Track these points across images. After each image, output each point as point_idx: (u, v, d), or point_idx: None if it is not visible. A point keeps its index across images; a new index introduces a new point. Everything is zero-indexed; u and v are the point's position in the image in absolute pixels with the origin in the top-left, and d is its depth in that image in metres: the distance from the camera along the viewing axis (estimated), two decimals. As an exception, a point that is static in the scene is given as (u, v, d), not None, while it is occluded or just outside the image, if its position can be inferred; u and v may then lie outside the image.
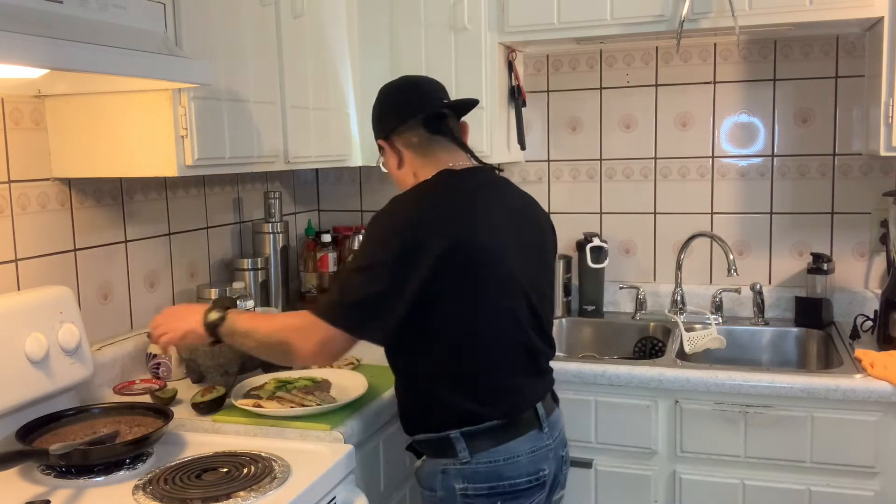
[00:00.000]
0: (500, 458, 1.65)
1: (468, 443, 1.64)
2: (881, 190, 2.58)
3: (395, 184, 1.84)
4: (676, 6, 2.34)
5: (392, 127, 1.77)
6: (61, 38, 1.34)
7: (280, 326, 1.65)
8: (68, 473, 1.52)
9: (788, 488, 2.12)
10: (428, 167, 1.74)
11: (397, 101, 1.79)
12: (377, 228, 1.64)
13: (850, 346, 2.35)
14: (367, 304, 1.58)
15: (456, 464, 1.65)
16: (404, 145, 1.76)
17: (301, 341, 1.60)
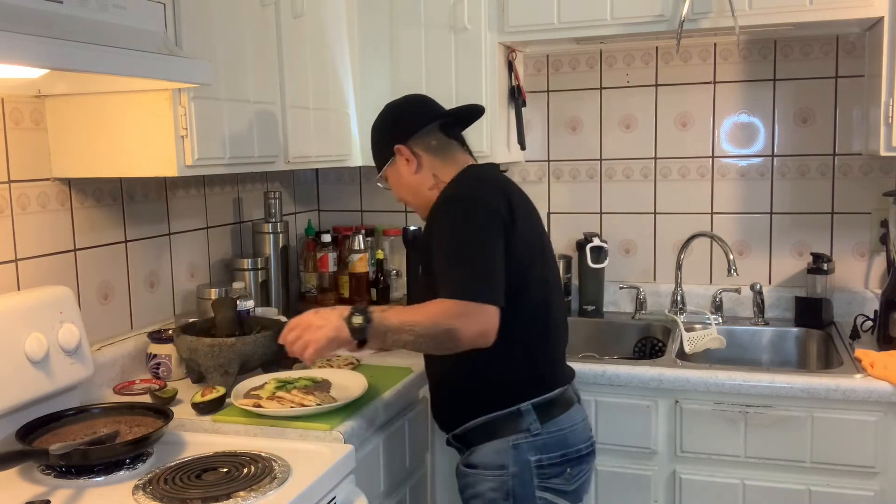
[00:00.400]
0: (565, 427, 1.75)
1: (538, 414, 1.72)
2: (881, 190, 2.58)
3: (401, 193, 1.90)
4: (676, 6, 2.34)
5: (411, 132, 1.84)
6: (61, 38, 1.34)
7: (440, 314, 1.61)
8: (68, 473, 1.52)
9: (788, 488, 2.12)
10: (448, 167, 1.83)
11: (412, 110, 1.88)
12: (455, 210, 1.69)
13: (850, 346, 2.35)
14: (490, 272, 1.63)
15: (528, 437, 1.71)
16: (423, 149, 1.83)
17: (467, 325, 1.59)
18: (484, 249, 1.64)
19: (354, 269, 2.83)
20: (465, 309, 1.59)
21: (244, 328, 2.11)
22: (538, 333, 1.77)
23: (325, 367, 2.13)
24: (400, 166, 1.85)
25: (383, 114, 1.92)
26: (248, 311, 2.22)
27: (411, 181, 1.85)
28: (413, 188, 1.86)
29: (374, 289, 2.86)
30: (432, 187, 1.83)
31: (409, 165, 1.84)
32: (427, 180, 1.84)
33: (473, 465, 1.77)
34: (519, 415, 1.72)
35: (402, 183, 1.88)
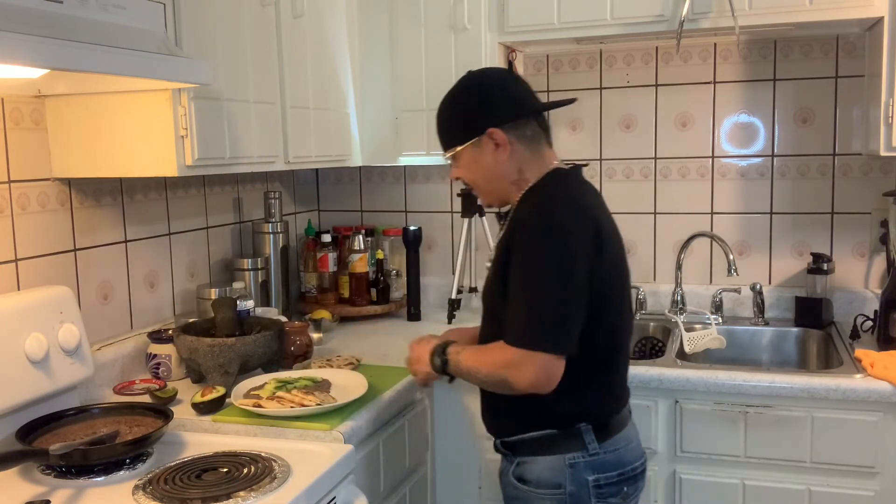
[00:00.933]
0: (620, 445, 1.70)
1: (596, 433, 1.66)
2: (881, 190, 2.58)
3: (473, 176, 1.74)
4: (676, 6, 2.34)
5: (508, 117, 1.67)
6: (61, 38, 1.34)
7: (493, 364, 1.61)
8: (68, 473, 1.52)
9: (788, 488, 2.12)
10: (535, 163, 1.70)
11: (511, 93, 1.71)
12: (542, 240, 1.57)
13: (850, 346, 2.35)
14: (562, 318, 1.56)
15: (585, 456, 1.65)
16: (517, 137, 1.68)
17: (517, 377, 1.56)
18: (563, 292, 1.56)
19: (354, 269, 2.83)
20: (519, 360, 1.55)
21: (244, 328, 2.11)
22: (607, 364, 1.70)
23: (325, 367, 2.13)
24: (486, 150, 1.68)
25: (474, 87, 1.73)
26: (248, 311, 2.22)
27: (494, 169, 1.70)
28: (493, 177, 1.71)
29: (374, 289, 2.86)
30: (514, 182, 1.70)
31: (499, 153, 1.68)
32: (511, 173, 1.70)
33: (526, 479, 1.69)
34: (578, 433, 1.65)
35: (480, 167, 1.71)
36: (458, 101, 1.74)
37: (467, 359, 1.68)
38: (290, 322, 2.31)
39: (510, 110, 1.69)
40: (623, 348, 1.76)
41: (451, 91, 1.75)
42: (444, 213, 3.05)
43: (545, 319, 1.56)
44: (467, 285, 2.92)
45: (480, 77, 1.75)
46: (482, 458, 2.32)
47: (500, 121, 1.67)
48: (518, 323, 1.57)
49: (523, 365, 1.55)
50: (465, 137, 1.70)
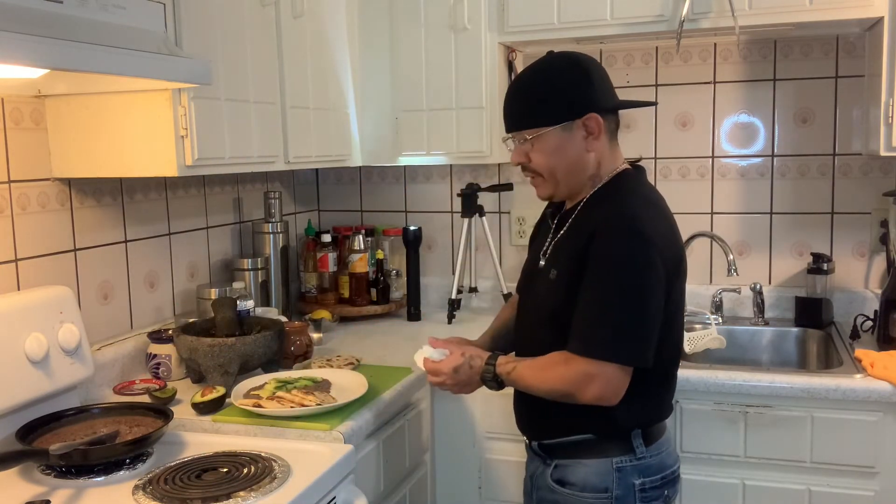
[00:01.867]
0: (663, 450, 1.68)
1: (643, 437, 1.64)
2: (881, 190, 2.58)
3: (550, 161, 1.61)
4: (676, 6, 2.34)
5: (605, 105, 1.60)
6: (61, 38, 1.34)
7: (557, 381, 1.56)
8: (68, 473, 1.52)
9: (788, 488, 2.12)
10: (610, 158, 1.65)
11: (608, 82, 1.64)
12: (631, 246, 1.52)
13: (850, 346, 2.35)
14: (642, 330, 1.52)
15: (633, 459, 1.63)
16: (606, 129, 1.61)
17: (584, 392, 1.53)
18: (645, 304, 1.52)
19: (354, 269, 2.83)
20: (588, 374, 1.51)
21: (244, 328, 2.11)
22: (668, 377, 1.69)
23: (325, 367, 2.13)
24: (576, 136, 1.58)
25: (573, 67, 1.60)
26: (248, 311, 2.22)
27: (579, 158, 1.60)
28: (573, 165, 1.61)
29: (374, 289, 2.86)
30: (591, 176, 1.63)
31: (590, 141, 1.59)
32: (591, 164, 1.61)
33: (569, 482, 1.65)
34: (627, 437, 1.62)
35: (564, 155, 1.59)
36: (554, 78, 1.60)
37: (523, 375, 1.62)
38: (290, 322, 2.31)
39: (609, 98, 1.62)
40: (678, 361, 1.73)
41: (540, 68, 1.62)
42: (444, 213, 3.05)
43: (624, 330, 1.51)
44: (467, 285, 2.92)
45: (576, 57, 1.62)
46: (482, 458, 2.32)
47: (600, 107, 1.58)
48: (592, 332, 1.52)
49: (593, 379, 1.51)
50: (558, 117, 1.57)
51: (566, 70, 1.60)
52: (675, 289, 1.58)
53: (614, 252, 1.52)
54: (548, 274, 1.65)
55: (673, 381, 1.73)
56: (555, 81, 1.59)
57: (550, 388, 1.58)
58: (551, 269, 1.65)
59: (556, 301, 1.61)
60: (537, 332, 1.69)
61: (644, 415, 1.65)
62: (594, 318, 1.53)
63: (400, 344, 2.49)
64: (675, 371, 1.72)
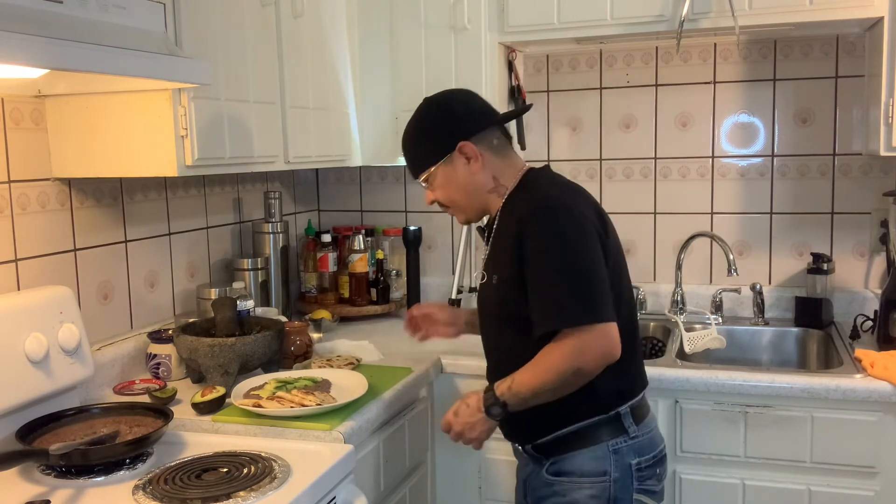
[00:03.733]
0: (652, 427, 1.75)
1: (633, 417, 1.69)
2: (881, 190, 2.58)
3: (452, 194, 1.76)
4: (676, 6, 2.34)
5: (474, 129, 1.72)
6: (61, 38, 1.34)
7: (557, 364, 1.57)
8: (68, 473, 1.52)
9: (788, 488, 2.12)
10: (508, 169, 1.75)
11: (472, 107, 1.77)
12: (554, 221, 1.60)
13: (850, 346, 2.35)
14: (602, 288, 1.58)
15: (627, 440, 1.67)
16: (486, 148, 1.73)
17: (588, 358, 1.55)
18: (592, 263, 1.58)
19: (354, 269, 2.83)
20: (583, 341, 1.54)
21: (244, 328, 2.12)
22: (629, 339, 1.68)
23: (325, 367, 2.13)
24: (458, 165, 1.72)
25: (435, 108, 1.77)
26: (248, 311, 2.22)
27: (469, 182, 1.73)
28: (470, 190, 1.74)
29: (374, 289, 2.86)
30: (491, 190, 1.74)
31: (472, 165, 1.72)
32: (486, 182, 1.74)
33: (566, 472, 1.68)
34: (618, 418, 1.67)
35: (456, 184, 1.74)
36: (422, 124, 1.78)
37: (524, 382, 1.61)
38: (290, 322, 2.31)
39: (475, 122, 1.73)
40: (636, 322, 1.78)
41: (413, 118, 1.79)
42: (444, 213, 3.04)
43: (590, 291, 1.56)
44: (467, 285, 2.92)
45: (438, 98, 1.80)
46: (482, 458, 2.32)
47: (467, 133, 1.71)
48: (564, 304, 1.56)
49: (589, 342, 1.55)
50: (436, 157, 1.73)
51: (429, 113, 1.77)
52: (608, 249, 1.65)
53: (542, 230, 1.60)
54: (491, 281, 1.73)
55: (636, 345, 1.76)
56: (423, 127, 1.78)
57: (557, 373, 1.57)
58: (492, 276, 1.73)
59: (507, 300, 1.67)
60: (502, 339, 1.75)
61: (624, 384, 1.69)
62: (555, 293, 1.57)
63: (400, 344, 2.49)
64: (636, 336, 1.75)
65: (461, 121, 1.74)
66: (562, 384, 1.59)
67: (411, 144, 1.80)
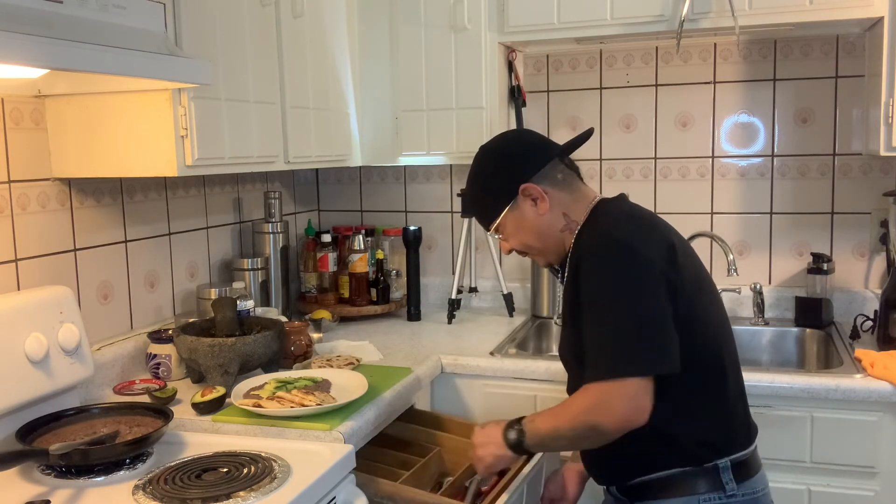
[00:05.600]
0: (758, 489, 1.58)
1: (734, 473, 1.54)
2: (881, 190, 2.58)
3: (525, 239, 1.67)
4: (676, 6, 2.34)
5: (533, 169, 1.63)
6: (61, 38, 1.34)
7: (575, 413, 1.49)
8: (68, 473, 1.52)
9: (788, 488, 2.12)
10: (578, 203, 1.65)
11: (527, 145, 1.69)
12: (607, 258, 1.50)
13: (850, 346, 2.35)
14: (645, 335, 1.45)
15: (723, 497, 1.53)
16: (551, 184, 1.64)
17: (606, 416, 1.44)
18: (638, 310, 1.45)
19: (354, 269, 2.83)
20: (605, 395, 1.44)
21: (244, 328, 2.11)
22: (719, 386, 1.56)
23: (324, 367, 2.13)
24: (524, 208, 1.64)
25: (490, 156, 1.70)
26: (248, 311, 2.22)
27: (539, 223, 1.64)
28: (541, 231, 1.65)
29: (374, 289, 2.86)
30: (563, 228, 1.64)
31: (539, 205, 1.63)
32: (557, 220, 1.64)
33: None
34: (716, 471, 1.52)
35: (526, 227, 1.65)
36: (481, 175, 1.70)
37: (545, 420, 1.54)
38: (290, 322, 2.31)
39: (532, 161, 1.65)
40: (732, 369, 1.61)
41: (471, 171, 1.73)
42: (444, 213, 3.05)
43: (626, 341, 1.44)
44: (467, 285, 2.92)
45: (491, 145, 1.73)
46: (482, 458, 2.32)
47: (527, 174, 1.63)
48: (598, 355, 1.47)
49: (610, 400, 1.44)
50: (501, 206, 1.65)
51: (485, 162, 1.71)
52: (679, 286, 1.49)
53: (592, 272, 1.51)
54: (565, 330, 1.65)
55: (732, 396, 1.59)
56: (482, 178, 1.71)
57: (572, 426, 1.49)
58: (565, 325, 1.64)
59: (575, 344, 1.56)
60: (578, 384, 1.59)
61: (720, 440, 1.54)
62: (597, 341, 1.48)
63: (400, 344, 2.49)
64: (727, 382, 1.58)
65: (518, 162, 1.65)
66: (577, 436, 1.51)
67: (474, 198, 1.74)
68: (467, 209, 1.75)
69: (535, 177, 1.63)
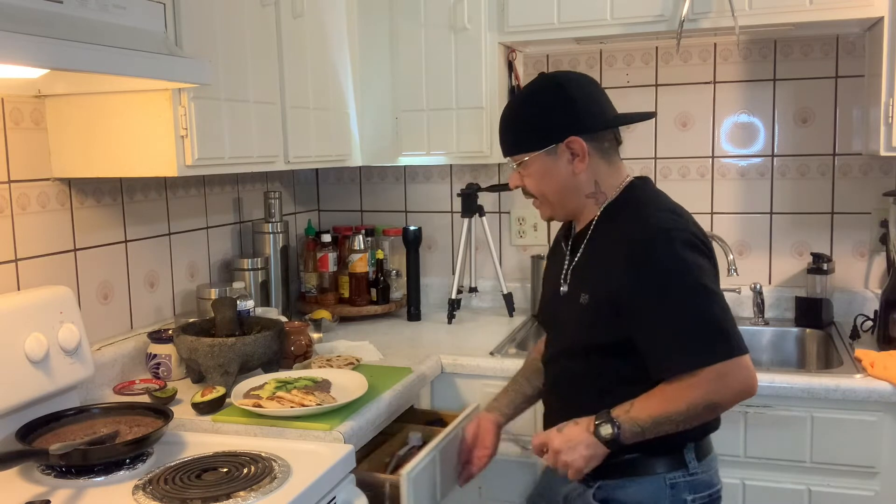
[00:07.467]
0: (712, 465, 1.63)
1: (696, 452, 1.59)
2: (881, 190, 2.58)
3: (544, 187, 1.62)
4: (676, 6, 2.34)
5: (591, 128, 1.58)
6: (61, 38, 1.34)
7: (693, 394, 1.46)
8: (68, 473, 1.52)
9: (788, 488, 2.12)
10: (611, 176, 1.62)
11: (594, 100, 1.61)
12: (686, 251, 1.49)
13: (850, 346, 2.35)
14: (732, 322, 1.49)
15: (685, 475, 1.57)
16: (596, 148, 1.59)
17: (724, 393, 1.46)
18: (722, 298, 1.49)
19: (354, 269, 2.83)
20: (720, 375, 1.44)
21: (244, 328, 2.11)
22: None
23: (325, 367, 2.13)
24: (561, 159, 1.58)
25: (553, 89, 1.60)
26: (248, 311, 2.22)
27: (569, 180, 1.59)
28: (568, 189, 1.60)
29: (374, 289, 2.86)
30: (590, 195, 1.61)
31: (577, 164, 1.58)
32: (587, 185, 1.60)
33: (616, 501, 1.58)
34: (679, 452, 1.57)
35: (553, 178, 1.60)
36: (534, 101, 1.61)
37: (646, 408, 1.49)
38: (290, 322, 2.31)
39: (593, 118, 1.59)
40: None
41: (526, 90, 1.63)
42: (444, 213, 3.05)
43: (724, 322, 1.47)
44: (467, 285, 2.92)
45: (560, 79, 1.63)
46: (482, 458, 2.32)
47: (582, 129, 1.57)
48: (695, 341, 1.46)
49: (728, 378, 1.45)
50: (540, 143, 1.59)
51: (547, 95, 1.60)
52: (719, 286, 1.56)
53: (664, 262, 1.48)
54: (577, 299, 1.59)
55: None
56: (536, 108, 1.60)
57: (688, 405, 1.47)
58: (580, 293, 1.59)
59: (597, 324, 1.55)
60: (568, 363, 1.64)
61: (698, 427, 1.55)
62: (685, 329, 1.47)
63: (399, 344, 2.49)
64: None
65: (579, 113, 1.57)
66: (691, 417, 1.48)
67: (512, 120, 1.64)
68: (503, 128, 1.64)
69: (587, 135, 1.57)
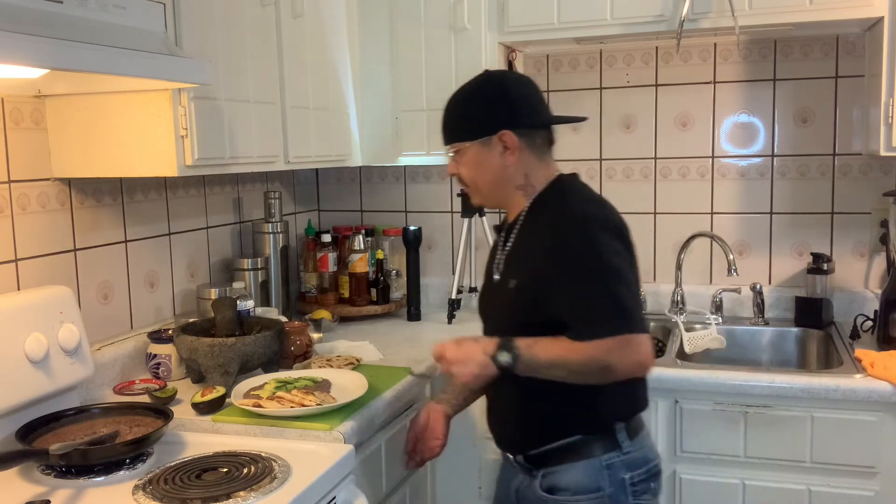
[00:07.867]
0: (646, 442, 1.70)
1: (627, 432, 1.65)
2: (881, 190, 2.58)
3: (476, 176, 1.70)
4: (676, 6, 2.34)
5: (524, 124, 1.66)
6: (61, 38, 1.34)
7: (593, 351, 1.52)
8: (68, 473, 1.52)
9: (788, 488, 2.12)
10: (541, 171, 1.70)
11: (529, 99, 1.70)
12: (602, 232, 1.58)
13: (850, 346, 2.35)
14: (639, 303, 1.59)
15: (620, 455, 1.63)
16: (528, 143, 1.67)
17: (624, 360, 1.52)
18: (633, 279, 1.58)
19: (354, 269, 2.83)
20: (621, 344, 1.51)
21: (244, 328, 2.11)
22: None
23: (325, 367, 2.13)
24: (493, 151, 1.66)
25: (492, 85, 1.69)
26: (248, 311, 2.22)
27: (499, 173, 1.68)
28: (497, 180, 1.69)
29: (374, 289, 2.86)
30: (519, 187, 1.69)
31: (507, 156, 1.66)
32: (517, 177, 1.68)
33: (560, 488, 1.64)
34: (613, 434, 1.63)
35: (485, 168, 1.68)
36: (474, 95, 1.70)
37: (548, 349, 1.56)
38: (290, 322, 2.31)
39: (527, 116, 1.67)
40: None
41: (468, 85, 1.72)
42: (444, 213, 3.05)
43: (630, 305, 1.54)
44: (467, 285, 2.92)
45: (501, 77, 1.73)
46: (482, 458, 2.32)
47: (515, 124, 1.65)
48: (603, 314, 1.53)
49: (626, 347, 1.52)
50: (474, 134, 1.67)
51: (488, 91, 1.69)
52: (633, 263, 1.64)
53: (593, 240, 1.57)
54: (506, 285, 1.68)
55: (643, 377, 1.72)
56: (476, 101, 1.70)
57: (586, 358, 1.53)
58: (509, 279, 1.68)
59: (522, 306, 1.63)
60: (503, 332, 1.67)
61: (627, 406, 1.66)
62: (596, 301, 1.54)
63: (399, 344, 2.49)
64: None
65: (514, 108, 1.66)
66: (583, 370, 1.54)
67: (453, 111, 1.73)
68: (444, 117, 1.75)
69: (520, 130, 1.66)
